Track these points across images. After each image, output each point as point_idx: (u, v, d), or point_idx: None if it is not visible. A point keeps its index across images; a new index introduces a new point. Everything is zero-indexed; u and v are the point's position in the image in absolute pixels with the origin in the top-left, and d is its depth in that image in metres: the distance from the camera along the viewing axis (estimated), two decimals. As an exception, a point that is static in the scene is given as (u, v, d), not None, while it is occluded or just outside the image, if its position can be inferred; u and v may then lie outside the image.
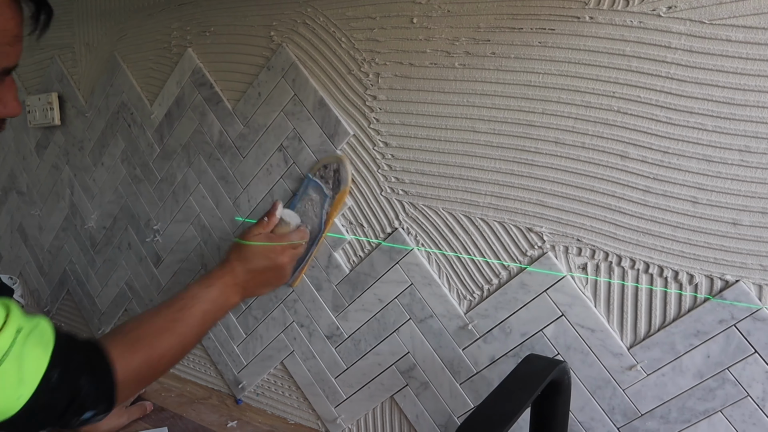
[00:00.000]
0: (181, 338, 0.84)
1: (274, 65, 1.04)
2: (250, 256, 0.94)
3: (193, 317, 0.86)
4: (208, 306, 0.89)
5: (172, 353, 0.83)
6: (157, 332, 0.82)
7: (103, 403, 0.73)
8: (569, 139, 0.80)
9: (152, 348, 0.80)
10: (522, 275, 0.85)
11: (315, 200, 1.01)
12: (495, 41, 0.83)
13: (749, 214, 0.71)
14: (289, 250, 0.97)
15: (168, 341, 0.83)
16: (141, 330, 0.81)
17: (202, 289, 0.90)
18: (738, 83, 0.69)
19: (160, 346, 0.81)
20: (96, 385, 0.72)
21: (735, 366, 0.74)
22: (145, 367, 0.79)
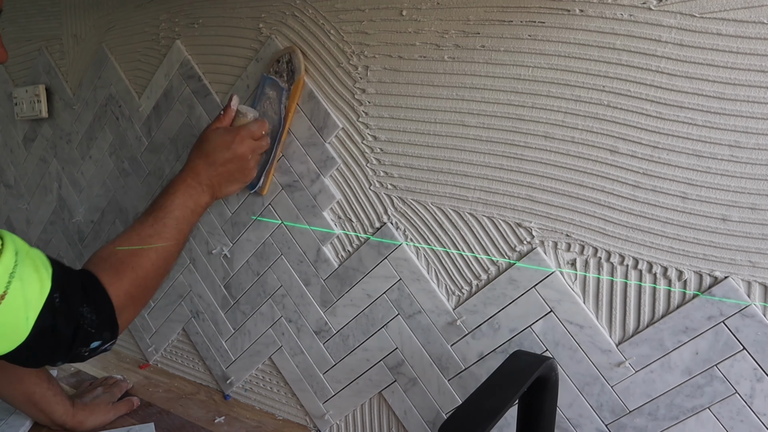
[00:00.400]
0: (161, 251, 0.86)
1: (263, 57, 1.03)
2: (210, 149, 0.93)
3: (167, 228, 0.88)
4: (179, 212, 0.90)
5: (155, 268, 0.85)
6: (136, 251, 0.83)
7: (106, 330, 0.76)
8: (559, 133, 0.79)
9: (136, 269, 0.82)
10: (511, 271, 0.85)
11: (272, 97, 0.99)
12: (485, 34, 0.82)
13: (739, 210, 0.71)
14: (248, 139, 0.95)
15: (149, 257, 0.84)
16: (119, 254, 0.82)
17: (168, 198, 0.91)
18: (728, 77, 0.69)
19: (143, 264, 0.83)
20: (96, 313, 0.75)
21: (723, 363, 0.73)
22: (135, 288, 0.81)
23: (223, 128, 0.95)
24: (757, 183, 0.69)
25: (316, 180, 0.99)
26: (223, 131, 0.95)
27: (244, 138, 0.94)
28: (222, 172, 0.95)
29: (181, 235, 0.90)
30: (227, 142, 0.93)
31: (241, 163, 0.95)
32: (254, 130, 0.95)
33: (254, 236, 1.09)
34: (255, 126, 0.96)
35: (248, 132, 0.95)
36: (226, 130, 0.95)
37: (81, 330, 0.73)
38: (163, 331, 1.30)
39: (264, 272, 1.09)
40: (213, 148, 0.93)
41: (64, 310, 0.71)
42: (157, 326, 1.30)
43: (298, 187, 1.01)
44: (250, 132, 0.95)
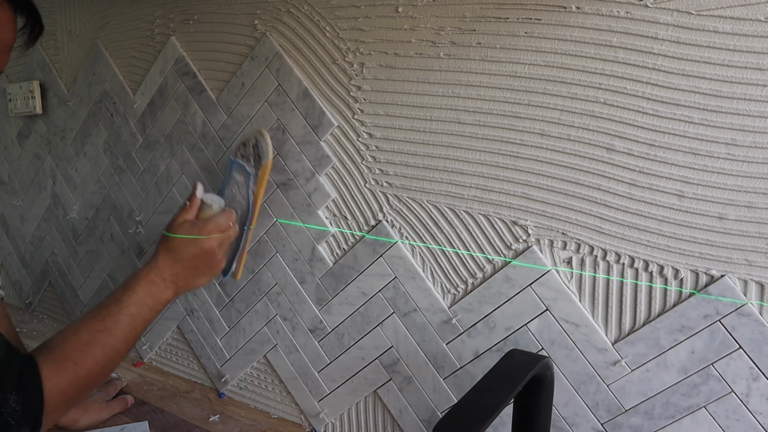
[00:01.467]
0: (108, 350, 0.80)
1: (258, 55, 1.03)
2: (175, 245, 0.89)
3: (119, 325, 0.82)
4: (135, 309, 0.84)
5: (99, 368, 0.79)
6: (82, 347, 0.77)
7: (27, 426, 0.69)
8: (555, 131, 0.79)
9: (78, 365, 0.76)
10: (506, 269, 0.84)
11: (240, 182, 0.97)
12: (481, 31, 0.81)
13: (735, 208, 0.70)
14: (215, 233, 0.91)
15: (94, 355, 0.78)
16: (66, 346, 0.77)
17: (126, 293, 0.85)
18: (725, 75, 0.68)
19: (86, 361, 0.77)
20: (22, 405, 0.68)
21: (719, 362, 0.73)
22: (71, 388, 0.75)
23: (189, 222, 0.91)
24: (754, 181, 0.69)
25: (311, 178, 0.99)
26: (189, 225, 0.90)
27: (212, 231, 0.90)
28: (188, 267, 0.90)
29: (132, 334, 0.84)
30: (193, 240, 0.89)
31: (208, 257, 0.91)
32: (221, 222, 0.92)
33: (249, 234, 1.09)
34: (222, 218, 0.92)
35: (215, 225, 0.91)
36: (192, 224, 0.91)
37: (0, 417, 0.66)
38: (158, 329, 1.29)
39: (259, 270, 1.09)
40: (178, 244, 0.89)
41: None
42: (152, 324, 1.29)
43: (293, 185, 1.01)
44: (217, 225, 0.91)
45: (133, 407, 1.14)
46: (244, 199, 0.97)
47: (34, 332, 1.46)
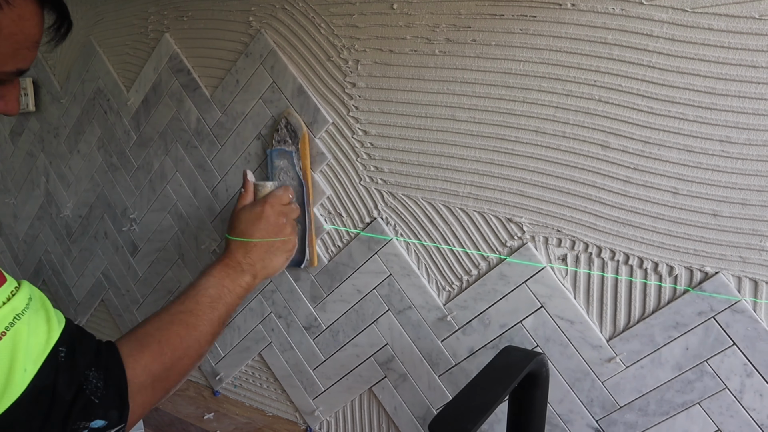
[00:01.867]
0: (191, 329, 0.77)
1: (253, 51, 1.02)
2: (242, 228, 0.88)
3: (200, 306, 0.79)
4: (214, 291, 0.82)
5: (185, 347, 0.75)
6: (165, 326, 0.75)
7: (114, 409, 0.64)
8: (550, 128, 0.79)
9: (161, 342, 0.72)
10: (501, 266, 0.84)
11: (285, 166, 0.98)
12: (476, 28, 0.81)
13: (729, 206, 0.71)
14: (277, 206, 0.90)
15: (178, 333, 0.75)
16: (147, 327, 0.74)
17: (202, 277, 0.84)
18: (719, 73, 0.69)
19: (170, 338, 0.74)
20: (104, 381, 0.64)
21: (713, 358, 0.73)
22: (157, 365, 0.70)
23: (248, 204, 0.92)
24: (748, 178, 0.69)
25: (306, 175, 0.99)
26: (250, 206, 0.91)
27: (273, 205, 0.90)
28: (260, 246, 0.89)
29: (214, 315, 0.80)
30: (257, 214, 0.89)
31: (276, 232, 0.90)
32: (280, 194, 0.92)
33: (244, 231, 1.08)
34: (280, 191, 0.93)
35: (275, 198, 0.91)
36: (252, 204, 0.91)
37: (82, 396, 0.62)
38: (152, 327, 1.28)
39: (253, 268, 1.08)
40: (245, 225, 0.89)
41: (67, 367, 0.62)
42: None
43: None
44: (276, 198, 0.91)
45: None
46: (294, 180, 0.97)
47: (28, 330, 1.45)
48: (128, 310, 1.32)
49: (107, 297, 1.36)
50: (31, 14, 0.63)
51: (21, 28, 0.61)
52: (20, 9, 0.60)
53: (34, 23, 0.63)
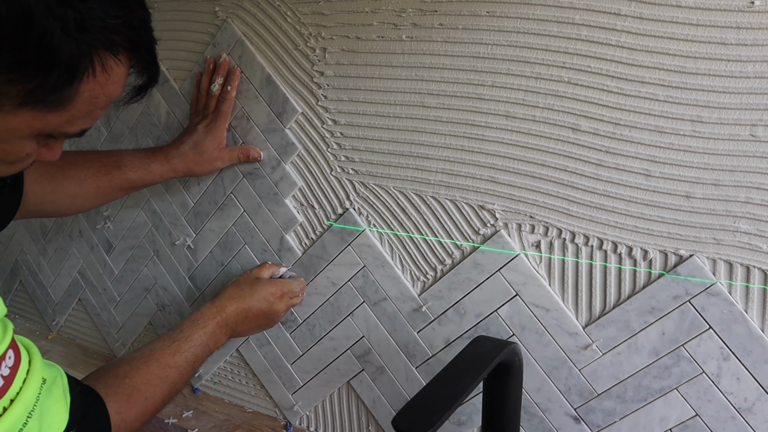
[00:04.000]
0: (172, 386, 0.81)
1: (220, 42, 1.00)
2: (251, 300, 0.91)
3: (186, 362, 0.82)
4: (200, 350, 0.85)
5: (163, 401, 0.79)
6: (152, 382, 0.78)
7: None
8: (520, 112, 0.77)
9: (147, 401, 0.76)
10: (475, 254, 0.83)
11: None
12: (442, 11, 0.79)
13: (702, 187, 0.69)
14: (287, 297, 0.94)
15: (161, 390, 0.78)
16: (136, 378, 0.76)
17: (196, 330, 0.86)
18: (689, 50, 0.67)
19: (154, 397, 0.77)
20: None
21: (690, 343, 0.72)
22: (138, 422, 0.75)
23: (267, 280, 0.94)
24: (720, 158, 0.68)
25: (277, 167, 0.97)
26: (268, 284, 0.93)
27: (285, 296, 0.94)
28: (252, 323, 0.92)
29: (192, 372, 0.84)
30: (268, 297, 0.92)
31: (271, 318, 0.94)
32: (295, 289, 0.95)
33: (217, 226, 1.06)
34: (296, 285, 0.95)
35: (290, 291, 0.94)
36: (270, 282, 0.93)
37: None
38: (130, 325, 1.27)
39: (228, 262, 1.07)
40: (254, 300, 0.91)
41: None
42: (124, 320, 1.27)
43: (259, 174, 0.99)
44: (291, 291, 0.95)
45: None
46: None
47: (6, 332, 1.43)
48: (105, 308, 1.30)
49: (84, 296, 1.33)
50: (120, 77, 0.59)
51: (105, 91, 0.57)
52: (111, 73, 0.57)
53: (120, 85, 0.60)
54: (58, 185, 0.91)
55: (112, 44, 0.55)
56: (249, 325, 0.93)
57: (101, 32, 0.53)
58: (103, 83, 0.56)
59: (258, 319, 0.92)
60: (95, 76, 0.54)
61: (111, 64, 0.56)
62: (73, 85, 0.53)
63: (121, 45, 0.56)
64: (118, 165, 0.95)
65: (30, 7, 0.48)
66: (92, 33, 0.52)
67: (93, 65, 0.54)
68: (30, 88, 0.51)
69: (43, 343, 1.37)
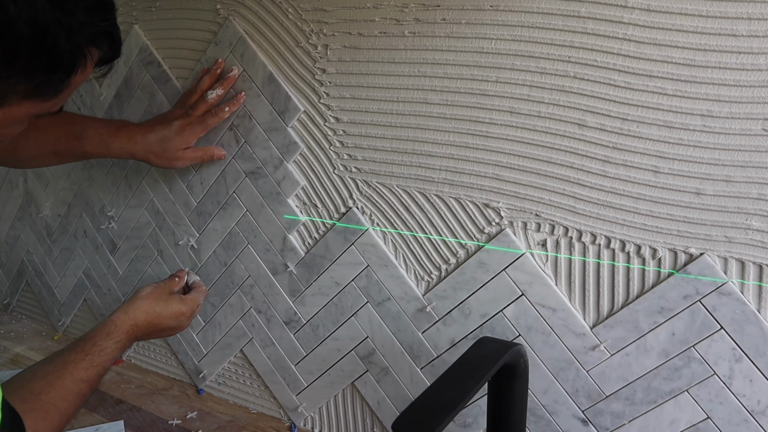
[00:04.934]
0: (83, 398, 0.82)
1: (222, 40, 0.99)
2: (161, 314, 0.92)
3: (97, 375, 0.84)
4: (110, 363, 0.86)
5: (74, 414, 0.81)
6: (67, 397, 0.79)
7: None
8: (524, 108, 0.75)
9: (62, 417, 0.78)
10: (480, 254, 0.81)
11: None
12: (445, 6, 0.78)
13: (713, 183, 0.67)
14: (195, 314, 0.96)
15: (75, 405, 0.81)
16: (51, 394, 0.78)
17: (109, 343, 0.86)
18: (698, 43, 0.65)
19: (68, 412, 0.79)
20: None
21: (701, 343, 0.70)
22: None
23: (179, 298, 0.94)
24: (731, 154, 0.66)
25: (279, 166, 0.95)
26: (181, 302, 0.94)
27: (194, 314, 0.96)
28: (158, 333, 0.94)
29: (98, 383, 0.86)
30: (179, 316, 0.93)
31: (177, 330, 0.96)
32: (201, 301, 0.97)
33: (220, 226, 1.05)
34: (201, 297, 0.97)
35: (198, 307, 0.96)
36: (182, 301, 0.94)
37: None
38: (135, 326, 1.26)
39: (231, 262, 1.06)
40: (165, 318, 0.92)
41: None
42: None
43: (262, 173, 0.98)
44: (199, 306, 0.97)
45: (108, 406, 1.11)
46: None
47: (12, 333, 1.43)
48: (111, 309, 1.29)
49: (89, 297, 1.33)
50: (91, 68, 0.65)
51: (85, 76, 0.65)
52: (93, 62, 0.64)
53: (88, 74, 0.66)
54: (19, 145, 0.95)
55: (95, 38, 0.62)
56: (153, 336, 0.95)
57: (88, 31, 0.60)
58: (87, 72, 0.64)
59: (164, 332, 0.95)
60: (85, 67, 0.62)
61: (95, 54, 0.63)
62: (69, 79, 0.61)
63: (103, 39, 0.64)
64: (79, 137, 0.98)
65: (46, 23, 0.54)
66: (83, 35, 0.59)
67: (85, 60, 0.61)
68: (35, 85, 0.58)
69: (49, 343, 1.37)
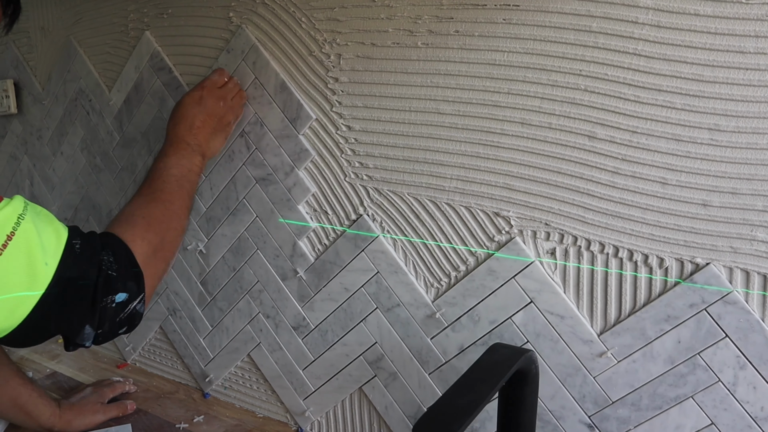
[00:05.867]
0: (167, 204, 0.85)
1: (234, 48, 1.00)
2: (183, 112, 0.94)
3: (166, 184, 0.86)
4: (176, 170, 0.89)
5: (167, 219, 0.83)
6: (143, 204, 0.83)
7: (130, 280, 0.72)
8: (536, 119, 0.77)
9: (145, 218, 0.81)
10: (490, 261, 0.83)
11: None
12: (458, 18, 0.79)
13: (719, 195, 0.69)
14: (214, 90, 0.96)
15: (156, 209, 0.83)
16: (127, 209, 0.82)
17: (160, 161, 0.90)
18: (707, 59, 0.67)
19: (152, 214, 0.82)
20: (115, 257, 0.72)
21: (706, 351, 0.72)
22: (150, 234, 0.79)
23: (189, 90, 0.97)
24: (738, 167, 0.68)
25: (290, 173, 0.97)
26: (189, 92, 0.96)
27: (210, 89, 0.96)
28: (205, 129, 0.95)
29: (183, 192, 0.88)
30: (195, 99, 0.94)
31: (216, 113, 0.96)
32: (215, 79, 0.97)
33: (229, 231, 1.07)
34: (215, 75, 0.98)
35: (210, 82, 0.97)
36: (190, 90, 0.97)
37: (102, 274, 0.69)
38: (140, 329, 1.27)
39: (240, 267, 1.07)
40: (185, 110, 0.94)
41: (86, 256, 0.69)
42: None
43: (272, 180, 0.99)
44: (211, 81, 0.97)
45: (116, 410, 1.12)
46: None
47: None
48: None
49: (95, 300, 1.34)
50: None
51: None
52: None
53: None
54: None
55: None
56: (205, 132, 0.95)
57: None
58: None
59: (208, 124, 0.95)
60: None
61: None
62: None
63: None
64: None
65: None
66: None
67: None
68: None
69: (53, 346, 1.37)
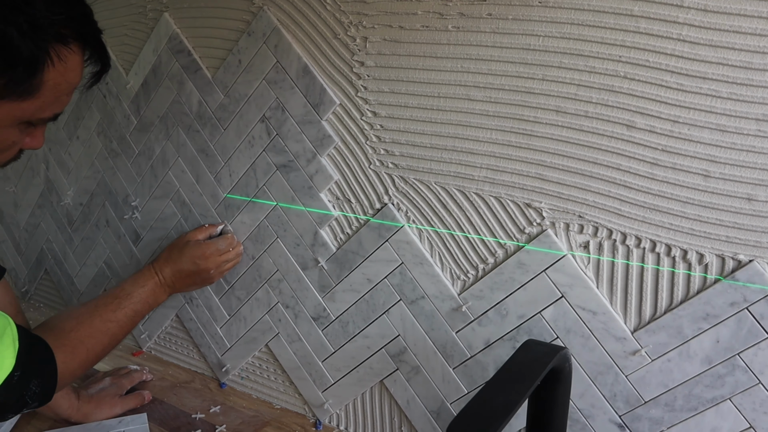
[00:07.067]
0: (113, 338, 0.93)
1: (255, 30, 0.98)
2: (180, 260, 1.03)
3: (126, 317, 0.96)
4: (140, 306, 0.99)
5: (103, 352, 0.92)
6: (95, 334, 0.90)
7: (40, 402, 0.80)
8: (571, 107, 0.74)
9: (89, 352, 0.88)
10: (519, 254, 0.80)
11: None
12: (491, 1, 0.76)
13: (765, 189, 0.66)
14: (214, 256, 1.03)
15: (102, 342, 0.91)
16: (80, 332, 0.88)
17: (136, 288, 1.00)
18: (756, 45, 0.64)
19: (97, 347, 0.90)
20: (41, 387, 0.78)
21: (746, 351, 0.69)
22: (80, 369, 0.87)
23: (195, 242, 1.04)
24: (787, 159, 0.65)
25: (312, 160, 0.94)
26: (195, 247, 1.04)
27: (211, 255, 1.03)
28: (187, 279, 1.04)
29: (131, 326, 0.97)
30: (194, 259, 1.03)
31: (203, 275, 1.04)
32: (221, 247, 1.04)
33: (249, 219, 1.04)
34: (222, 243, 1.04)
35: (216, 250, 1.04)
36: (197, 245, 1.04)
37: (21, 401, 0.76)
38: (156, 317, 1.25)
39: (259, 256, 1.05)
40: (182, 263, 1.03)
41: (18, 387, 0.74)
42: (150, 312, 1.25)
43: (294, 167, 0.96)
44: (217, 249, 1.04)
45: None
46: None
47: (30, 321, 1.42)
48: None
49: (110, 287, 1.32)
50: (76, 65, 0.69)
51: (66, 78, 0.67)
52: (67, 62, 0.67)
53: (78, 72, 0.70)
54: None
55: (62, 37, 0.65)
56: (186, 283, 1.05)
57: (50, 28, 0.64)
58: (62, 71, 0.67)
59: (192, 278, 1.04)
60: (54, 65, 0.65)
61: (65, 53, 0.66)
62: (37, 76, 0.64)
63: (70, 36, 0.66)
64: None
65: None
66: (43, 29, 0.63)
67: (50, 57, 0.64)
68: (3, 83, 0.62)
69: (68, 332, 1.35)
